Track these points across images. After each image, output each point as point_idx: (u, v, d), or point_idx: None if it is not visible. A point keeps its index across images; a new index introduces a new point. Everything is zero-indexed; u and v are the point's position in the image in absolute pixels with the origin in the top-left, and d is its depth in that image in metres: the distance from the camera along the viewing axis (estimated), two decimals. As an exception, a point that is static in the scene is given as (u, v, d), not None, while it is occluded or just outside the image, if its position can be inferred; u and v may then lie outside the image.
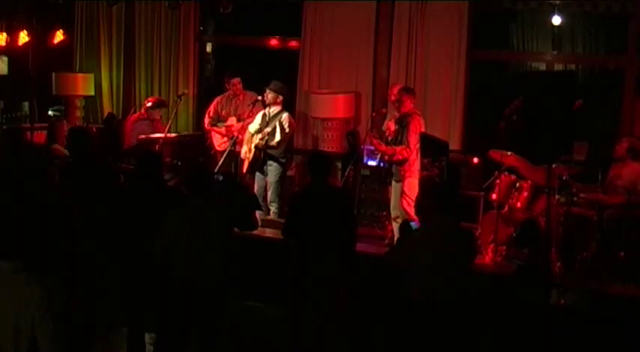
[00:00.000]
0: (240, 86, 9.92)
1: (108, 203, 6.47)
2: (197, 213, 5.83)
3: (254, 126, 9.33)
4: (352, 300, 6.70)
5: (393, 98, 8.91)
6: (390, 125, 8.74)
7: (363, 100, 10.35)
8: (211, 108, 10.10)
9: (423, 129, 8.39)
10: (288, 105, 9.63)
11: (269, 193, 9.29)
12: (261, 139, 9.14)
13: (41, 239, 3.50)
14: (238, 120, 9.85)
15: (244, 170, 9.36)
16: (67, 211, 5.58)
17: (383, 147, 8.68)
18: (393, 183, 8.63)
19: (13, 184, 5.71)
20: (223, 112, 9.98)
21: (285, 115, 9.25)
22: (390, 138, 8.68)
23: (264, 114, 9.32)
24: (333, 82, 10.53)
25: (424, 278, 5.75)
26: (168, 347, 5.99)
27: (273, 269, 7.80)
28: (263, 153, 9.23)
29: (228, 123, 9.85)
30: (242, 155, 9.39)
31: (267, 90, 9.27)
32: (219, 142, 9.88)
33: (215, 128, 9.98)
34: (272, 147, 9.18)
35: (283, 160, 9.35)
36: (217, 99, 10.12)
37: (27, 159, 6.57)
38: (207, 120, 10.07)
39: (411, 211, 8.41)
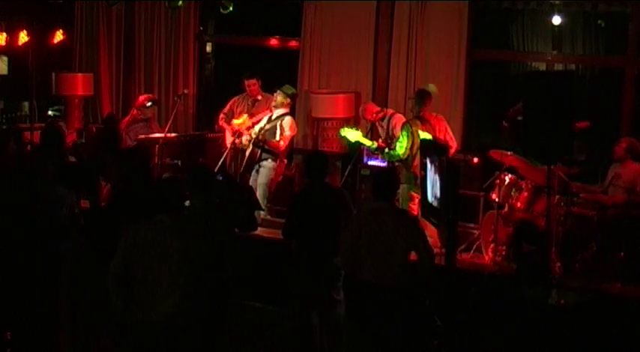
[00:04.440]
0: (255, 87, 9.83)
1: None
2: (199, 214, 5.84)
3: (257, 126, 9.34)
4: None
5: (372, 117, 9.18)
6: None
7: (363, 100, 10.33)
8: (227, 105, 10.07)
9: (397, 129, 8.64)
10: (288, 106, 9.65)
11: (257, 194, 9.30)
12: (255, 134, 9.16)
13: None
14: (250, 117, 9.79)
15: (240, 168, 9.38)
16: None
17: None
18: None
19: None
20: (237, 110, 9.95)
21: (287, 118, 9.29)
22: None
23: (270, 116, 9.36)
24: (333, 82, 10.53)
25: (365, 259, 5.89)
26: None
27: (273, 270, 7.81)
28: (260, 151, 9.25)
29: (240, 120, 9.77)
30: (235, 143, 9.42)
31: (278, 92, 9.29)
32: (230, 140, 9.85)
33: (226, 125, 9.93)
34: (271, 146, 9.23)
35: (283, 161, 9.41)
36: (235, 98, 10.09)
37: None
38: (221, 116, 10.04)
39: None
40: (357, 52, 10.38)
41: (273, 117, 9.31)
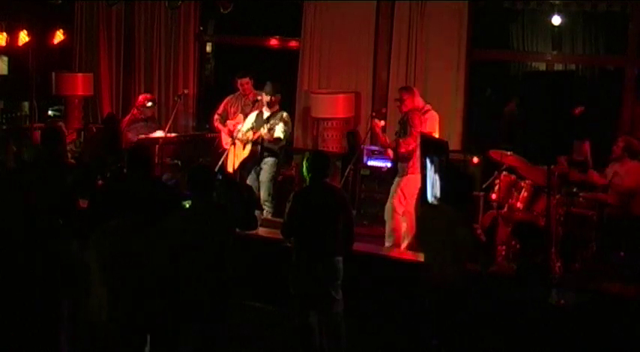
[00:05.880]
0: (249, 86, 9.88)
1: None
2: (199, 214, 5.84)
3: (246, 125, 9.33)
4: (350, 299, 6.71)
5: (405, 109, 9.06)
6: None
7: (363, 100, 10.35)
8: (221, 106, 10.10)
9: (424, 125, 8.43)
10: (288, 106, 9.64)
11: (261, 193, 9.29)
12: (243, 134, 9.17)
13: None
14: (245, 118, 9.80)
15: (235, 167, 9.36)
16: None
17: (384, 138, 8.75)
18: (396, 178, 8.68)
19: None
20: (232, 110, 9.97)
21: (284, 114, 9.30)
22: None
23: (260, 114, 9.33)
24: (333, 82, 10.53)
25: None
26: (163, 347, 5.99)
27: (273, 270, 7.81)
28: (261, 148, 9.25)
29: (235, 120, 9.81)
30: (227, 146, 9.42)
31: (263, 94, 9.26)
32: (226, 141, 9.86)
33: (221, 126, 9.97)
34: (273, 141, 9.21)
35: (280, 155, 9.44)
36: (228, 98, 10.12)
37: None
38: (215, 117, 10.07)
39: (399, 209, 8.49)
40: (357, 52, 10.38)
41: (269, 115, 9.30)
